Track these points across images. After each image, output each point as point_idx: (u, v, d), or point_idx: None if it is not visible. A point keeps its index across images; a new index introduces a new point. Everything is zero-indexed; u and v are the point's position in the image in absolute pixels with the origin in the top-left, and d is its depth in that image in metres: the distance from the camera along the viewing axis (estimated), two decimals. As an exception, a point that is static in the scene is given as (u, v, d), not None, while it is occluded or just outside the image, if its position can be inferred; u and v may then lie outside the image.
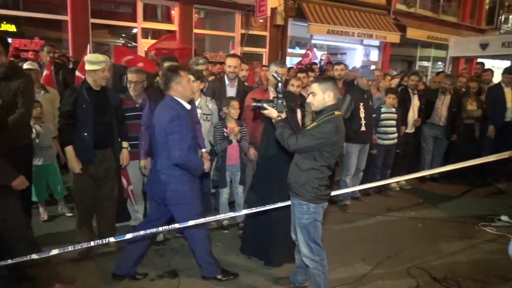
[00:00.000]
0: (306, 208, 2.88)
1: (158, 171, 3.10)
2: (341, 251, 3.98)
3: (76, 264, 3.50)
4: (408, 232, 4.61)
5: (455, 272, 3.60)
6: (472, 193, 5.95)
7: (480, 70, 8.03)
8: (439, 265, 3.79)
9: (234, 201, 4.45)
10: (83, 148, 3.49)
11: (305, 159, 2.85)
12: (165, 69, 3.23)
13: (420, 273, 3.61)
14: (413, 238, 4.45)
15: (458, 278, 3.52)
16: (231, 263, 3.66)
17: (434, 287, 3.43)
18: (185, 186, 3.10)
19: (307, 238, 2.92)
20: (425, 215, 5.20)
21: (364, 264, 3.77)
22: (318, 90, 2.86)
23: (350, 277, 3.51)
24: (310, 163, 2.83)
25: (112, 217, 3.95)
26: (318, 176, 2.84)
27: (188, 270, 3.52)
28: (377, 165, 5.67)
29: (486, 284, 3.48)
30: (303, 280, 3.28)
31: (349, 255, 3.93)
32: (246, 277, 3.47)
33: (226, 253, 3.87)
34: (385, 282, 3.48)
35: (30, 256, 2.47)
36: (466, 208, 5.45)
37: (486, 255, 4.09)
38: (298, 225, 2.96)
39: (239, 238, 4.13)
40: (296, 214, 2.97)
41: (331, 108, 2.83)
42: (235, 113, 4.18)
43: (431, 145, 6.40)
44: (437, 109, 6.20)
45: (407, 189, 6.21)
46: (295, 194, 2.92)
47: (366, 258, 3.88)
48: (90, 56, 3.65)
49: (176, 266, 3.59)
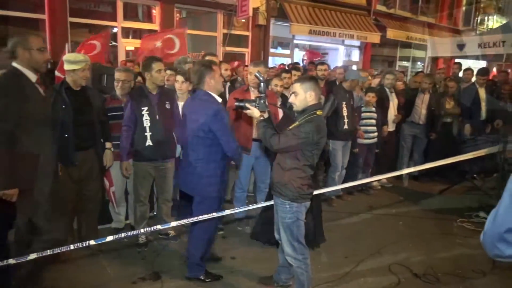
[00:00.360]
0: (289, 207, 2.89)
1: (192, 164, 3.16)
2: (324, 249, 4.01)
3: (57, 269, 3.42)
4: (389, 230, 4.69)
5: (435, 268, 3.68)
6: (450, 190, 6.09)
7: (458, 70, 8.24)
8: (420, 261, 3.86)
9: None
10: (64, 149, 3.42)
11: (287, 158, 2.86)
12: (198, 65, 3.26)
13: (401, 270, 3.68)
14: (395, 235, 4.52)
15: (438, 274, 3.59)
16: (215, 264, 3.64)
17: (415, 283, 3.50)
18: (217, 178, 3.19)
19: (290, 237, 2.93)
20: (406, 212, 5.29)
21: (347, 262, 3.81)
22: (300, 90, 2.87)
23: (333, 274, 3.54)
24: (292, 162, 2.84)
25: (95, 220, 3.88)
26: (301, 176, 2.86)
27: (171, 271, 3.49)
28: (359, 164, 5.74)
29: (464, 279, 3.57)
30: (287, 279, 3.29)
31: (331, 253, 3.97)
32: (229, 277, 3.46)
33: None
34: (367, 279, 3.52)
35: (7, 261, 2.41)
36: (445, 205, 5.57)
37: (464, 250, 4.19)
38: (281, 224, 2.96)
39: (222, 238, 4.14)
40: (279, 213, 2.98)
41: (312, 108, 2.85)
42: None
43: (409, 143, 6.52)
44: (417, 108, 6.32)
45: (388, 187, 6.32)
46: (278, 193, 2.93)
47: (349, 256, 3.92)
48: (69, 56, 3.58)
49: (158, 268, 3.55)
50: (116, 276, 3.40)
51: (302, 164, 2.84)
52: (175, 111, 3.99)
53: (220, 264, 3.67)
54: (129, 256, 3.73)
